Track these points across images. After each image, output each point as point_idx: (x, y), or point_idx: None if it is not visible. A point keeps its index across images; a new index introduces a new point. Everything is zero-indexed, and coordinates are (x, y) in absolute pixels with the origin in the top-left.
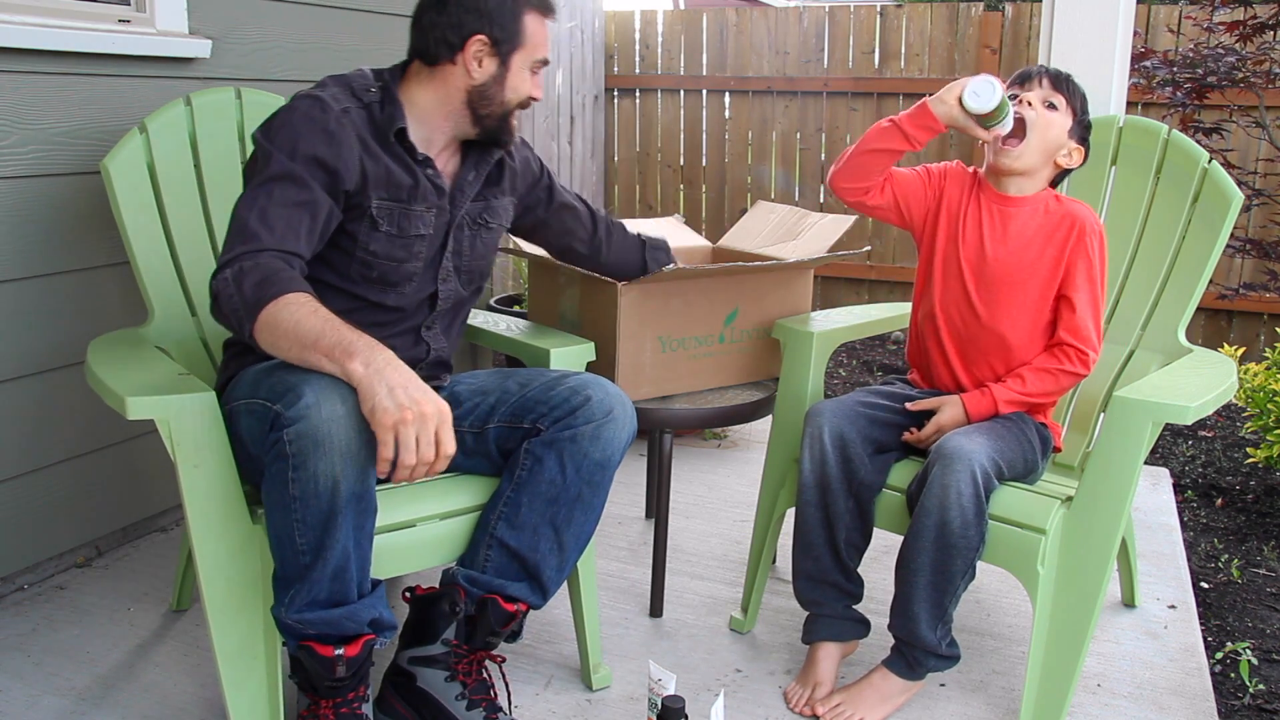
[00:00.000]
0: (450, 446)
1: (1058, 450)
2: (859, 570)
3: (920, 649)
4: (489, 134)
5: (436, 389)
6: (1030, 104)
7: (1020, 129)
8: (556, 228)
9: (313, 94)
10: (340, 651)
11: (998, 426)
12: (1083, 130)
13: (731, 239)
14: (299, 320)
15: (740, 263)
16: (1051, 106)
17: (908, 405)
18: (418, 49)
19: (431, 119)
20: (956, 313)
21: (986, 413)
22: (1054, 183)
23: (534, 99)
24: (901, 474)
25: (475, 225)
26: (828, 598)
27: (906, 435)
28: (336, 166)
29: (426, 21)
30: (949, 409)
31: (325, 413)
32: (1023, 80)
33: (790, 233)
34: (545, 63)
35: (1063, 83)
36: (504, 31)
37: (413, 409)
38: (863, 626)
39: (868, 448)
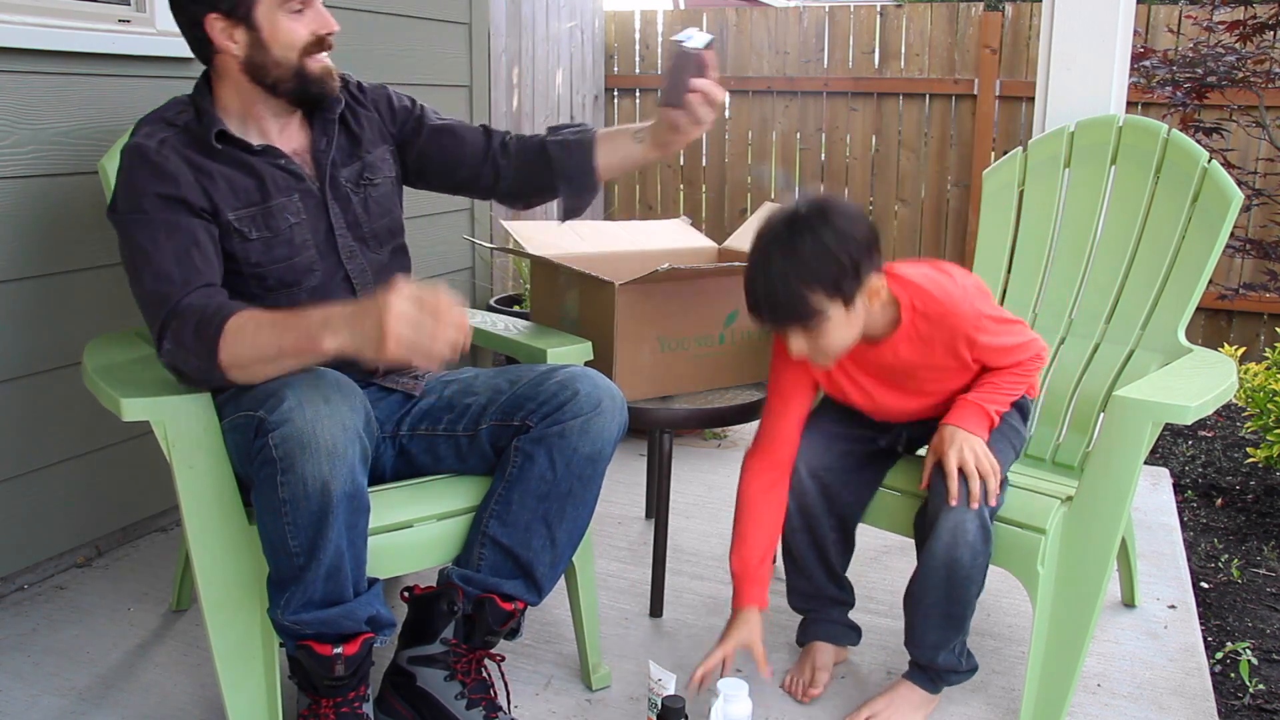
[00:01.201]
0: (444, 299)
1: (1031, 395)
2: (849, 575)
3: (938, 671)
4: (299, 95)
5: (414, 378)
6: (800, 353)
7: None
8: (438, 156)
9: (129, 144)
10: (339, 650)
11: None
12: (855, 280)
13: (737, 240)
14: (255, 343)
15: (738, 263)
16: (810, 332)
17: (921, 486)
18: (195, 54)
19: (244, 110)
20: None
21: (985, 428)
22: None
23: (322, 34)
24: (898, 475)
25: (360, 187)
26: (821, 607)
27: (921, 486)
28: (182, 195)
29: (178, 25)
30: (945, 442)
31: (309, 414)
32: (764, 320)
33: None
34: None
35: (790, 311)
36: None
37: (395, 326)
38: (855, 634)
39: (847, 472)
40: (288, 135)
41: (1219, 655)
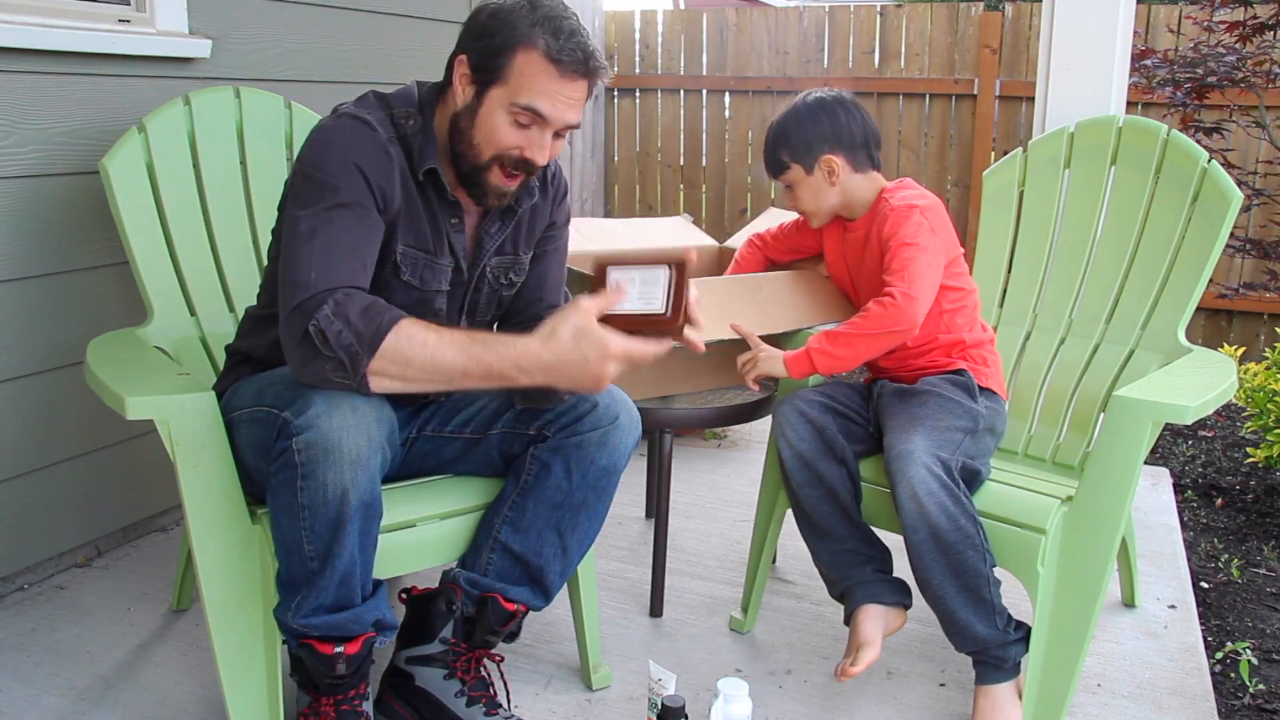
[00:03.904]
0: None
1: (985, 388)
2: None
3: (990, 648)
4: (464, 179)
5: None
6: (787, 203)
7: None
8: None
9: (358, 114)
10: (340, 649)
11: (916, 409)
12: (805, 155)
13: (738, 241)
14: (434, 350)
15: (737, 275)
16: (788, 187)
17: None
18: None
19: (442, 147)
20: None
21: (805, 369)
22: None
23: (527, 158)
24: (873, 467)
25: (498, 284)
26: (853, 564)
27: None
28: (385, 189)
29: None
30: (767, 360)
31: (335, 421)
32: (766, 170)
33: None
34: (532, 112)
35: (771, 161)
36: (486, 60)
37: (610, 369)
38: (901, 590)
39: (833, 416)
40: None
41: (1219, 655)
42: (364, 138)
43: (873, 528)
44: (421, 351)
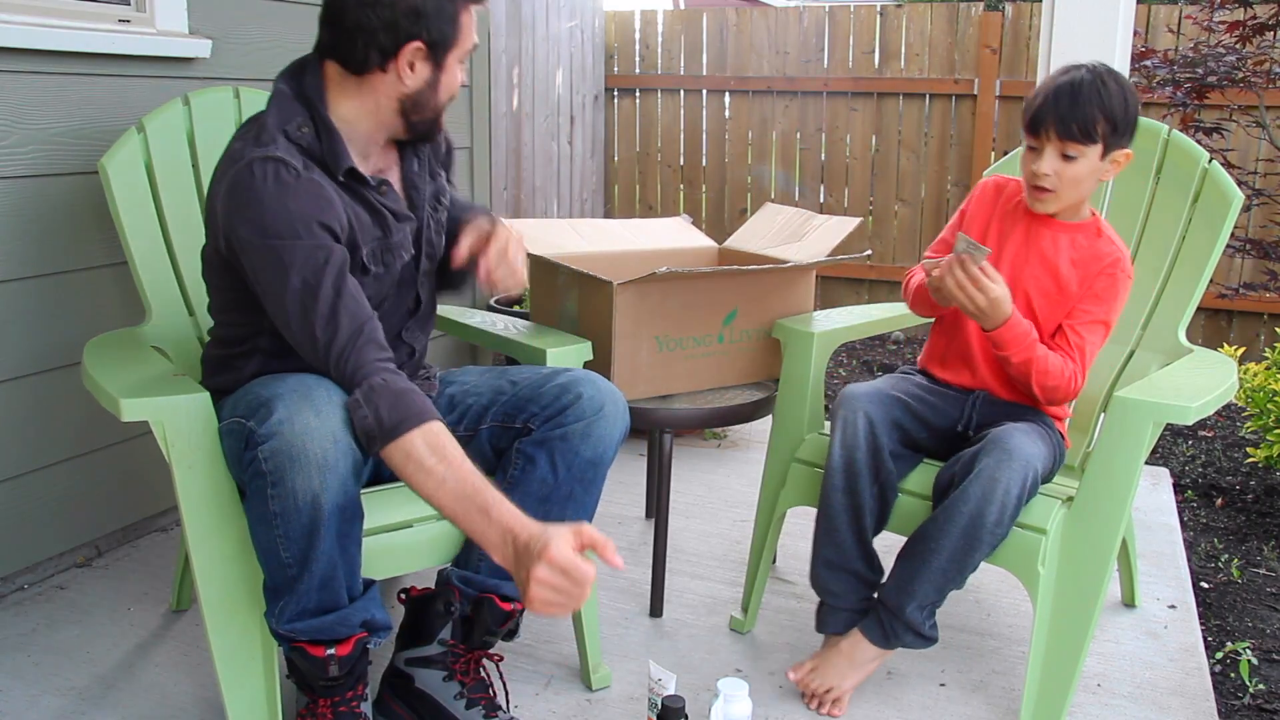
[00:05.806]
0: (589, 570)
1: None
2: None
3: (903, 623)
4: (419, 136)
5: (426, 379)
6: (1044, 171)
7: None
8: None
9: (268, 155)
10: (331, 652)
11: (1045, 432)
12: (1120, 137)
13: (737, 239)
14: (435, 473)
15: (736, 266)
16: (1068, 158)
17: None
18: (341, 54)
19: (363, 133)
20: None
21: (1018, 342)
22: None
23: (462, 86)
24: (917, 479)
25: (436, 210)
26: (847, 587)
27: (929, 268)
28: (341, 224)
29: (351, 22)
30: (992, 306)
31: (298, 427)
32: (1035, 127)
33: (795, 234)
34: (475, 47)
35: (1077, 127)
36: (441, 34)
37: (538, 593)
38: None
39: (895, 435)
40: (385, 154)
41: (1219, 655)
42: (289, 178)
43: (894, 531)
44: (433, 473)
